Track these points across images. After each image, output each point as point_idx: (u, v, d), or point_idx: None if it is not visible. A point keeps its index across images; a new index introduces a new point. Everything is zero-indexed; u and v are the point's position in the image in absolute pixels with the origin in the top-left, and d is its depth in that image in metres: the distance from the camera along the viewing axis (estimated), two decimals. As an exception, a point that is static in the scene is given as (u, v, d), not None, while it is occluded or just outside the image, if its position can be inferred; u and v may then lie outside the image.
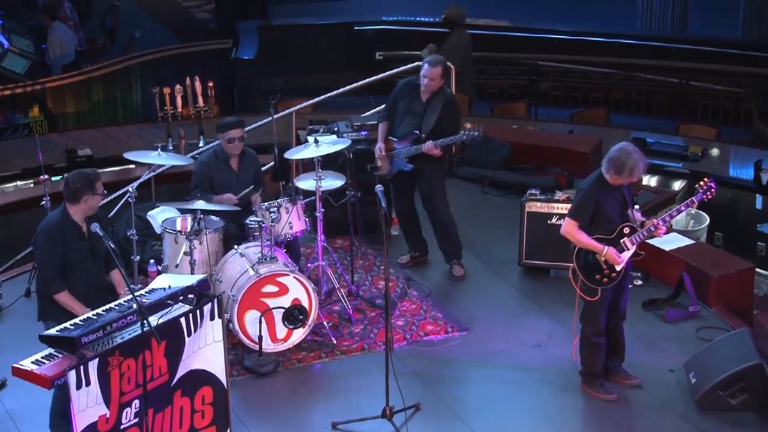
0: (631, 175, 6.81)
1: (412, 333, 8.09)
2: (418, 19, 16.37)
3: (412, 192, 9.02)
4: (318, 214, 8.34)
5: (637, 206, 7.14)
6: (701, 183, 7.00)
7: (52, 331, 5.63)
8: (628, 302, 7.26)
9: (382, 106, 9.23)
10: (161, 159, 8.28)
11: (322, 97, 11.67)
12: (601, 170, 6.90)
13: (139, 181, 8.29)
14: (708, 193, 6.94)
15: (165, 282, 6.16)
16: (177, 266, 7.88)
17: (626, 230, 6.93)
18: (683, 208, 7.02)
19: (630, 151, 6.80)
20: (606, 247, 6.89)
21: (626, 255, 6.93)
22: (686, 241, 8.98)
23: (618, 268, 6.93)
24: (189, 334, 5.98)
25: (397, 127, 8.79)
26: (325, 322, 8.02)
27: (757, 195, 11.53)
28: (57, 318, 6.21)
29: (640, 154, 6.84)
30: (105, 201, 9.52)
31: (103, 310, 5.84)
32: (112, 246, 6.35)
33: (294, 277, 7.66)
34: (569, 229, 7.00)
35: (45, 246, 6.61)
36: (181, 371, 5.99)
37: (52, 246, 6.57)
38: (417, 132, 8.63)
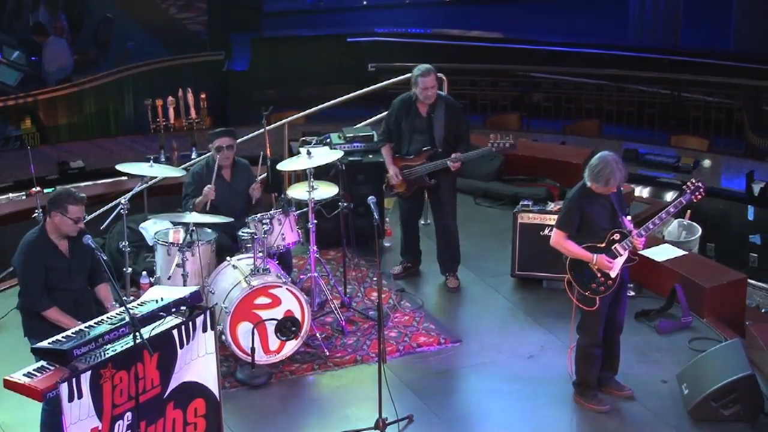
0: (607, 183, 6.78)
1: (404, 344, 8.08)
2: (410, 31, 16.40)
3: (422, 204, 9.03)
4: (311, 226, 8.34)
5: (629, 217, 7.12)
6: (688, 183, 6.95)
7: (44, 344, 5.61)
8: (625, 314, 7.26)
9: (375, 118, 9.21)
10: (153, 171, 8.27)
11: (315, 108, 11.68)
12: (584, 179, 6.90)
13: (131, 193, 8.26)
14: (696, 193, 6.88)
15: (157, 294, 6.15)
16: (169, 278, 7.87)
17: (616, 236, 6.91)
18: (672, 210, 6.97)
19: (609, 160, 6.78)
20: (595, 255, 6.88)
21: (619, 261, 6.92)
22: (678, 252, 8.99)
23: (612, 274, 6.91)
24: (181, 346, 5.97)
25: (405, 146, 8.75)
26: (317, 334, 8.01)
27: (749, 206, 11.56)
28: (42, 335, 6.15)
29: (620, 164, 6.80)
30: (98, 213, 9.53)
31: (95, 323, 5.83)
32: (104, 258, 6.33)
33: (286, 288, 7.65)
34: (557, 239, 7.00)
35: (24, 266, 6.55)
36: (174, 383, 5.97)
37: (31, 265, 6.51)
38: (430, 148, 8.61)
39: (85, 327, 5.78)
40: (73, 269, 6.64)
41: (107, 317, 5.92)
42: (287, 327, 7.65)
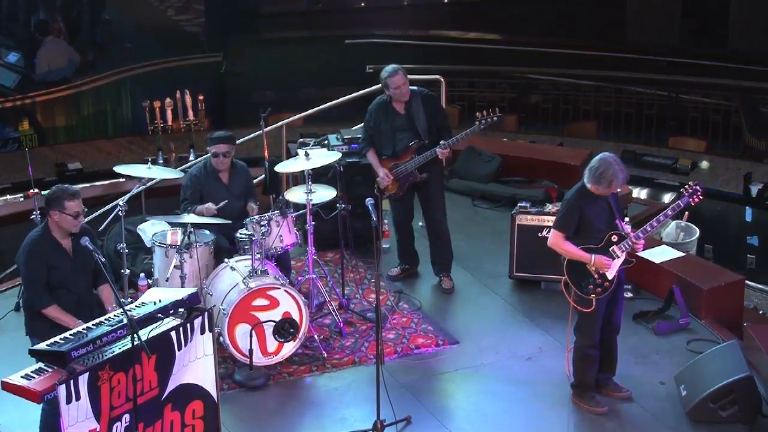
0: (610, 186, 6.79)
1: (402, 346, 8.08)
2: (408, 32, 16.41)
3: (413, 205, 9.03)
4: (309, 227, 8.34)
5: (627, 219, 7.12)
6: (686, 187, 6.95)
7: (42, 346, 5.61)
8: (622, 315, 7.26)
9: (361, 125, 9.19)
10: (151, 172, 8.27)
11: (313, 110, 11.69)
12: (583, 180, 6.91)
13: (129, 195, 8.26)
14: (694, 196, 6.88)
15: (155, 296, 6.14)
16: (167, 280, 7.87)
17: (614, 238, 6.91)
18: (670, 212, 6.96)
19: (611, 161, 6.78)
20: (593, 255, 6.88)
21: (616, 263, 6.92)
22: (676, 254, 8.99)
23: (609, 276, 6.92)
24: (179, 348, 5.97)
25: (389, 148, 8.74)
26: (315, 336, 8.00)
27: (747, 207, 11.58)
28: (44, 334, 6.17)
29: (621, 165, 6.81)
30: (96, 214, 9.54)
31: (93, 324, 5.83)
32: (103, 260, 6.33)
33: (284, 290, 7.65)
34: (555, 240, 7.00)
35: (27, 263, 6.58)
36: (172, 385, 5.97)
37: (34, 263, 6.54)
38: (417, 141, 8.61)
39: (84, 328, 5.78)
40: (76, 270, 6.65)
41: (106, 319, 5.92)
42: (285, 329, 7.64)
